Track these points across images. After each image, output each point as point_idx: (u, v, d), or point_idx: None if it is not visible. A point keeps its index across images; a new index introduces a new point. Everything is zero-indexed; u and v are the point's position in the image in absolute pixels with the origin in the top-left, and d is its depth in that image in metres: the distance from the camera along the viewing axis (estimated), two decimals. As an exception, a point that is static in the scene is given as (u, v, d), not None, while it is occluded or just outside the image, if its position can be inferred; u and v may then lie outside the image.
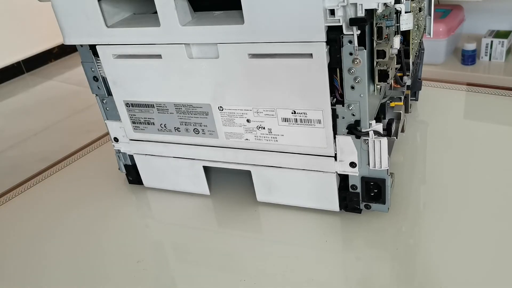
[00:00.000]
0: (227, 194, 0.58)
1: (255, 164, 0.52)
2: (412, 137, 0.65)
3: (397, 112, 0.58)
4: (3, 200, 0.64)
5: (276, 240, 0.50)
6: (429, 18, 0.61)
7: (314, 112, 0.46)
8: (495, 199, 0.51)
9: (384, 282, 0.43)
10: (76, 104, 1.98)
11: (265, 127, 0.49)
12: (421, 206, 0.52)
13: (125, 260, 0.50)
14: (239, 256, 0.49)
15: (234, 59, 0.46)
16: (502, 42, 1.47)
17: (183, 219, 0.55)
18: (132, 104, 0.54)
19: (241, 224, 0.53)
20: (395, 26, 0.45)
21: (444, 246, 0.46)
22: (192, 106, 0.51)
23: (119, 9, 0.52)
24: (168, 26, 0.46)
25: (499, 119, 0.67)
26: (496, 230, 0.47)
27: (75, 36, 0.51)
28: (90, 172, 0.68)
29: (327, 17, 0.41)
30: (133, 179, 0.62)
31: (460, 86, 0.77)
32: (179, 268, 0.48)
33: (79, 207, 0.60)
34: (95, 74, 0.54)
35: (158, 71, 0.50)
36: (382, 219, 0.51)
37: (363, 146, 0.47)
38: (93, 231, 0.55)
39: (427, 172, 0.57)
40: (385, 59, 0.43)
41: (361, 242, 0.48)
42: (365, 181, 0.49)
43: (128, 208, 0.59)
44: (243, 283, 0.45)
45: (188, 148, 0.55)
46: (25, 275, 0.50)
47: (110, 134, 0.59)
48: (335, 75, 0.44)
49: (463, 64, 1.51)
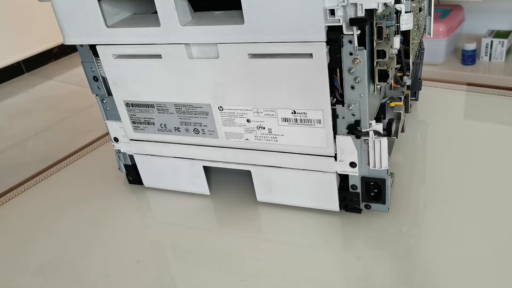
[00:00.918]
0: (227, 194, 0.58)
1: (255, 164, 0.52)
2: (412, 137, 0.65)
3: (397, 112, 0.58)
4: (3, 200, 0.64)
5: (276, 240, 0.50)
6: (429, 18, 0.61)
7: (314, 112, 0.46)
8: (495, 199, 0.51)
9: (384, 282, 0.43)
10: (76, 104, 1.98)
11: (265, 127, 0.49)
12: (421, 206, 0.52)
13: (125, 260, 0.50)
14: (239, 256, 0.49)
15: (234, 59, 0.46)
16: (502, 42, 1.47)
17: (183, 219, 0.55)
18: (132, 104, 0.54)
19: (241, 224, 0.53)
20: (395, 26, 0.45)
21: (444, 246, 0.46)
22: (192, 106, 0.51)
23: (119, 9, 0.52)
24: (168, 26, 0.46)
25: (499, 119, 0.67)
26: (496, 230, 0.47)
27: (75, 36, 0.51)
28: (90, 172, 0.68)
29: (327, 17, 0.41)
30: (133, 179, 0.62)
31: (460, 86, 0.77)
32: (179, 268, 0.48)
33: (79, 207, 0.60)
34: (95, 74, 0.54)
35: (158, 71, 0.50)
36: (382, 219, 0.51)
37: (363, 146, 0.47)
38: (93, 231, 0.55)
39: (427, 172, 0.57)
40: (385, 59, 0.43)
41: (361, 242, 0.48)
42: (365, 181, 0.49)
43: (128, 208, 0.59)
44: (243, 283, 0.45)
45: (188, 148, 0.55)
46: (25, 275, 0.50)
47: (110, 134, 0.59)
48: (335, 75, 0.44)
49: (463, 64, 1.51)
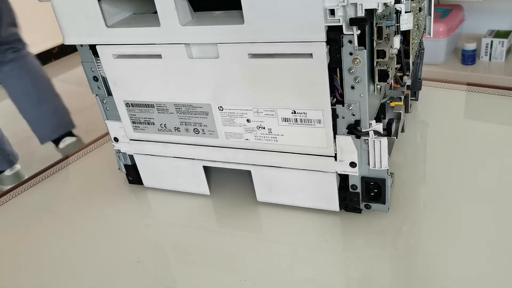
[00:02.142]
0: (227, 194, 0.58)
1: (255, 164, 0.52)
2: (412, 137, 0.65)
3: (397, 112, 0.58)
4: (4, 200, 0.64)
5: (276, 240, 0.50)
6: (429, 18, 0.61)
7: (314, 112, 0.46)
8: (495, 199, 0.51)
9: (384, 282, 0.43)
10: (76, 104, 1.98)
11: (265, 127, 0.49)
12: (421, 206, 0.52)
13: (125, 260, 0.50)
14: (239, 256, 0.49)
15: (234, 59, 0.46)
16: (502, 42, 1.47)
17: (183, 219, 0.55)
18: (132, 104, 0.54)
19: (241, 224, 0.53)
20: (395, 26, 0.45)
21: (444, 246, 0.46)
22: (192, 106, 0.51)
23: (119, 9, 0.52)
24: (168, 26, 0.46)
25: (499, 119, 0.67)
26: (496, 230, 0.47)
27: (75, 36, 0.51)
28: (90, 172, 0.68)
29: (327, 17, 0.41)
30: (133, 179, 0.62)
31: (460, 86, 0.77)
32: (179, 268, 0.48)
33: (79, 207, 0.60)
34: (95, 74, 0.54)
35: (158, 71, 0.50)
36: (382, 219, 0.51)
37: (363, 146, 0.47)
38: (93, 231, 0.55)
39: (427, 172, 0.57)
40: (385, 59, 0.43)
41: (361, 242, 0.48)
42: (365, 181, 0.49)
43: (128, 208, 0.59)
44: (243, 283, 0.45)
45: (188, 148, 0.55)
46: (25, 275, 0.50)
47: (110, 134, 0.59)
48: (335, 75, 0.44)
49: (463, 64, 1.51)
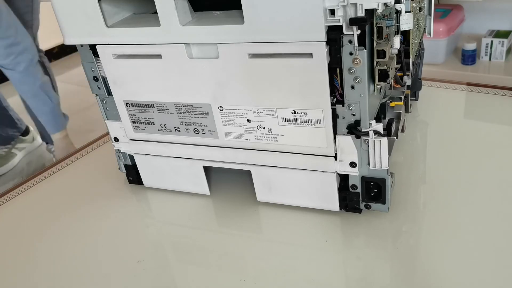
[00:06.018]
0: (227, 194, 0.58)
1: (255, 164, 0.52)
2: (412, 137, 0.65)
3: (397, 112, 0.58)
4: (4, 200, 0.64)
5: (276, 240, 0.50)
6: (429, 18, 0.61)
7: (314, 112, 0.46)
8: (495, 199, 0.51)
9: (384, 282, 0.43)
10: (76, 104, 1.99)
11: (265, 127, 0.49)
12: (421, 206, 0.52)
13: (125, 260, 0.50)
14: (239, 256, 0.49)
15: (234, 59, 0.46)
16: (502, 42, 1.47)
17: (183, 219, 0.55)
18: (132, 104, 0.54)
19: (241, 224, 0.53)
20: (395, 26, 0.45)
21: (444, 246, 0.46)
22: (192, 106, 0.51)
23: (119, 9, 0.52)
24: (168, 26, 0.46)
25: (499, 119, 0.67)
26: (496, 230, 0.47)
27: (75, 36, 0.51)
28: (90, 172, 0.68)
29: (327, 17, 0.41)
30: (133, 179, 0.62)
31: (460, 86, 0.77)
32: (179, 268, 0.48)
33: (79, 207, 0.60)
34: (95, 74, 0.54)
35: (158, 71, 0.50)
36: (382, 219, 0.51)
37: (363, 146, 0.47)
38: (93, 231, 0.55)
39: (427, 172, 0.57)
40: (385, 59, 0.43)
41: (361, 242, 0.48)
42: (365, 181, 0.49)
43: (128, 208, 0.59)
44: (243, 283, 0.45)
45: (188, 148, 0.55)
46: (25, 275, 0.50)
47: (110, 134, 0.59)
48: (335, 75, 0.44)
49: (463, 64, 1.51)
